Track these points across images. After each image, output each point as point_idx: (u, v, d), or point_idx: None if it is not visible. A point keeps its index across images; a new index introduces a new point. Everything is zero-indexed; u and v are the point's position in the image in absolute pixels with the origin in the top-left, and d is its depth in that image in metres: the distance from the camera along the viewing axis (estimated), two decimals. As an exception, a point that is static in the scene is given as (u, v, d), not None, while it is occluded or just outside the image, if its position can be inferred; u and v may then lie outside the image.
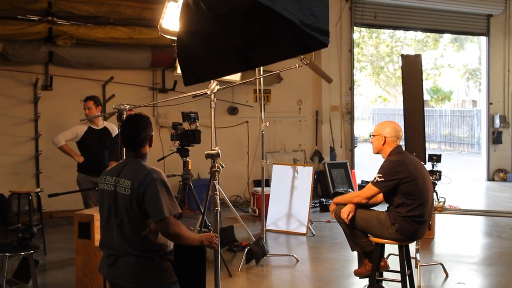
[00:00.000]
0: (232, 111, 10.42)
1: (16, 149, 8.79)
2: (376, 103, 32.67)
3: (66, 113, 9.04)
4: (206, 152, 3.30)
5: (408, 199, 4.02)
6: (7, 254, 5.10)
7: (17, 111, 8.82)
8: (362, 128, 28.36)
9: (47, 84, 8.90)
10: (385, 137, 4.21)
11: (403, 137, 5.89)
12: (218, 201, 3.31)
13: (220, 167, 3.31)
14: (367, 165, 13.57)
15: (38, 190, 7.09)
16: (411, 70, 5.35)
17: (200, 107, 7.37)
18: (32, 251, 5.24)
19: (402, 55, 5.68)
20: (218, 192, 3.29)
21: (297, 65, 4.58)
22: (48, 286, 5.61)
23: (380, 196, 4.25)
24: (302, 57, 4.47)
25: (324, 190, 10.86)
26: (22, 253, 5.16)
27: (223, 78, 5.70)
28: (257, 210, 9.14)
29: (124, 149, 3.20)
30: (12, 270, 5.60)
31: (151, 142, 3.18)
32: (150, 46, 9.22)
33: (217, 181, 3.28)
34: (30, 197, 6.90)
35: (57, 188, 8.50)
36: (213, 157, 3.28)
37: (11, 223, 7.44)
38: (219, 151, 3.31)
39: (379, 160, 4.25)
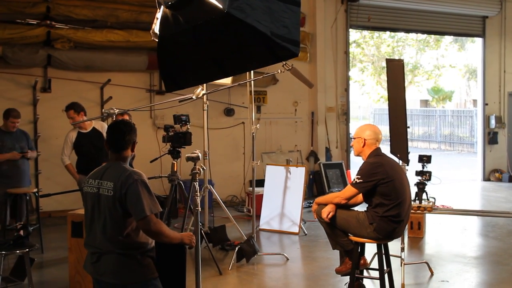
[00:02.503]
0: (228, 112, 10.58)
1: (15, 150, 8.95)
2: (379, 103, 32.74)
3: (65, 115, 9.17)
4: (187, 155, 3.47)
5: (385, 199, 4.18)
6: (3, 252, 5.29)
7: (17, 113, 8.98)
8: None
9: (45, 87, 9.08)
10: (364, 140, 4.36)
11: (389, 138, 6.05)
12: (198, 202, 3.47)
13: (201, 169, 3.47)
14: (364, 165, 13.68)
15: (35, 190, 7.26)
16: (395, 74, 5.50)
17: (195, 109, 7.57)
18: (27, 249, 5.42)
19: (387, 59, 5.82)
20: (198, 193, 3.45)
21: (279, 71, 4.74)
22: (43, 283, 5.78)
23: (360, 196, 4.40)
24: (284, 63, 4.63)
25: (319, 190, 11.01)
26: (18, 252, 5.35)
27: (214, 81, 5.86)
28: (251, 210, 9.29)
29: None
30: (9, 268, 5.77)
31: (133, 147, 3.33)
32: (147, 49, 9.39)
33: (197, 183, 3.44)
34: (28, 197, 7.06)
35: (56, 189, 8.73)
36: (194, 159, 3.44)
37: (8, 223, 7.61)
38: (200, 154, 3.47)
39: None
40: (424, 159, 7.89)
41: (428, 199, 7.85)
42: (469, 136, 23.93)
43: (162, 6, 2.98)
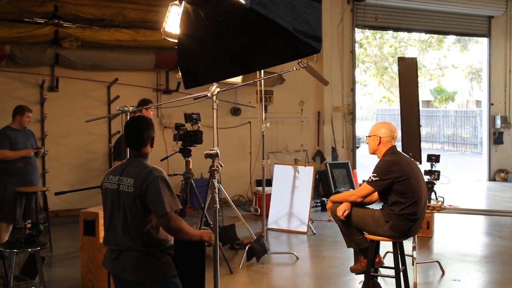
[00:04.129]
0: (235, 111, 10.57)
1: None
2: (381, 103, 32.73)
3: (72, 114, 9.23)
4: (205, 152, 3.46)
5: (401, 197, 4.16)
6: (14, 250, 5.28)
7: (24, 112, 8.98)
8: (366, 128, 28.42)
9: (53, 86, 9.07)
10: (380, 138, 4.35)
11: (400, 138, 6.04)
12: (217, 199, 3.46)
13: (219, 166, 3.46)
14: (370, 165, 13.65)
15: (44, 189, 7.25)
16: (407, 72, 5.48)
17: (203, 108, 7.54)
18: (39, 248, 5.41)
19: (399, 58, 5.81)
20: (217, 190, 3.43)
21: (294, 68, 4.73)
22: (54, 282, 5.77)
23: (375, 194, 4.39)
24: (299, 60, 4.62)
25: (325, 190, 10.99)
26: (29, 250, 5.34)
27: (225, 80, 5.86)
28: (259, 209, 9.28)
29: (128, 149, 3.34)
30: (20, 267, 5.76)
31: (152, 143, 3.32)
32: (154, 48, 9.39)
33: (216, 180, 3.43)
34: (37, 196, 7.05)
35: (63, 187, 8.70)
36: (212, 156, 3.43)
37: (15, 223, 7.60)
38: (218, 151, 3.46)
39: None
40: (433, 158, 7.85)
41: (436, 199, 7.82)
42: (472, 136, 23.91)
43: (183, 2, 2.96)
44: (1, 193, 6.77)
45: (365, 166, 13.63)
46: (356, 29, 11.95)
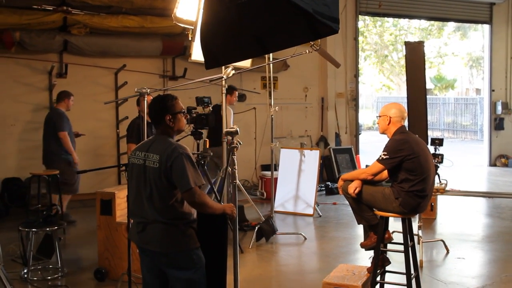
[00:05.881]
0: (240, 97, 10.63)
1: (32, 135, 9.08)
2: (380, 91, 32.86)
3: (81, 100, 9.33)
4: (225, 129, 3.61)
5: (411, 175, 4.31)
6: (33, 230, 5.45)
7: (33, 98, 9.13)
8: (366, 116, 28.57)
9: (62, 72, 9.19)
10: (390, 118, 4.49)
11: (407, 121, 6.18)
12: (237, 175, 3.61)
13: (238, 144, 3.60)
14: (371, 152, 13.86)
15: (57, 172, 7.40)
16: (414, 57, 5.61)
17: (208, 94, 7.65)
18: (56, 227, 5.59)
19: (405, 42, 5.93)
20: (236, 166, 3.58)
21: (307, 51, 4.86)
22: (70, 261, 5.92)
23: (385, 173, 4.53)
24: (312, 43, 4.75)
25: (329, 175, 11.16)
26: (48, 229, 5.52)
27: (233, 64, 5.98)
28: (265, 193, 9.46)
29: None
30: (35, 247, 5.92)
31: (174, 121, 3.42)
32: (161, 35, 9.51)
33: (235, 156, 3.58)
34: (50, 179, 7.21)
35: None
36: (232, 134, 3.58)
37: (29, 205, 7.78)
38: (238, 129, 3.61)
39: (382, 147, 4.52)
40: (437, 142, 7.99)
41: (440, 182, 7.99)
42: (472, 124, 24.06)
43: (207, -15, 3.09)
44: (66, 167, 7.36)
45: (368, 153, 13.82)
46: (360, 15, 12.06)
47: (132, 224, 3.51)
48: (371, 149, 15.90)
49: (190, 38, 6.27)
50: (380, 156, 4.40)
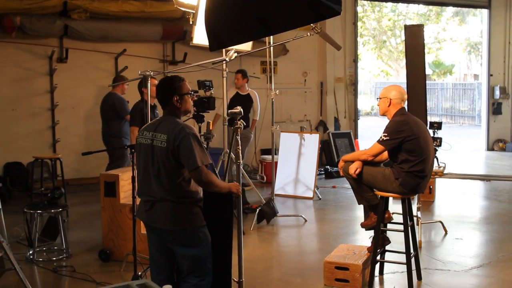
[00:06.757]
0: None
1: (33, 120, 9.15)
2: (379, 77, 32.88)
3: (81, 85, 9.42)
4: (229, 110, 3.68)
5: (411, 155, 4.40)
6: (38, 211, 5.54)
7: (34, 83, 9.16)
8: (364, 102, 28.62)
9: (62, 57, 9.21)
10: (390, 100, 4.56)
11: (406, 104, 6.25)
12: (240, 155, 3.68)
13: (242, 125, 3.67)
14: (369, 137, 13.97)
15: (59, 156, 7.47)
16: (414, 40, 5.66)
17: (208, 78, 7.72)
18: (61, 209, 5.68)
19: (405, 26, 5.98)
20: (240, 147, 3.66)
21: (308, 34, 4.92)
22: (74, 243, 6.00)
23: (385, 154, 4.61)
24: (313, 26, 4.80)
25: (328, 159, 11.24)
26: (52, 211, 5.60)
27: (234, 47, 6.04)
28: (265, 177, 9.55)
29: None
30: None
31: (181, 102, 3.49)
32: (161, 20, 9.53)
33: (239, 137, 3.65)
34: (53, 163, 7.28)
35: (73, 156, 8.97)
36: (236, 115, 3.65)
37: (32, 188, 7.86)
38: (241, 110, 3.68)
39: (380, 132, 4.60)
40: (435, 125, 8.07)
41: (438, 165, 8.08)
42: (470, 109, 24.13)
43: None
44: (123, 151, 7.29)
45: (366, 138, 13.90)
46: (358, 0, 12.07)
47: (140, 202, 3.59)
48: (370, 134, 16.01)
49: (191, 22, 6.34)
50: (381, 137, 4.48)
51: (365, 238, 5.95)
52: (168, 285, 1.84)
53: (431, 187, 7.96)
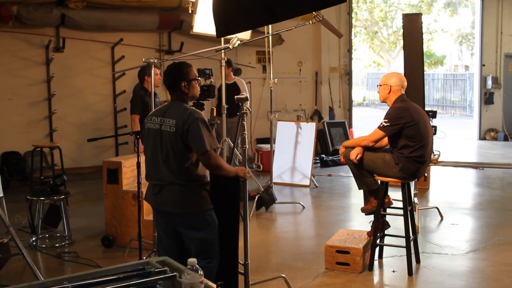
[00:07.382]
0: (236, 72, 10.73)
1: (29, 109, 9.15)
2: (370, 68, 33.02)
3: (78, 75, 9.43)
4: (236, 96, 3.74)
5: (410, 141, 4.50)
6: (41, 198, 5.59)
7: (30, 72, 9.15)
8: (356, 92, 28.72)
9: (59, 46, 9.21)
10: (390, 87, 4.65)
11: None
12: (247, 140, 3.75)
13: (248, 110, 3.75)
14: (362, 127, 14.14)
15: (58, 144, 7.51)
16: (412, 28, 5.75)
17: (205, 67, 7.78)
18: (63, 196, 5.74)
19: (403, 14, 6.06)
20: (246, 132, 3.73)
21: (310, 22, 4.98)
22: (77, 230, 6.04)
23: (385, 140, 4.71)
24: (315, 14, 4.87)
25: (323, 148, 11.32)
26: (55, 198, 5.66)
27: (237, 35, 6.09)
28: (261, 166, 9.64)
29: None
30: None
31: (188, 87, 3.56)
32: (158, 9, 9.54)
33: (245, 122, 3.72)
34: (52, 151, 7.32)
35: (71, 146, 9.01)
36: (242, 100, 3.72)
37: (31, 176, 7.89)
38: (248, 96, 3.75)
39: (374, 122, 4.70)
40: (430, 114, 8.17)
41: (433, 153, 8.20)
42: (461, 100, 24.32)
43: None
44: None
45: (359, 127, 14.03)
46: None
47: (148, 186, 3.66)
48: (362, 124, 16.14)
49: (190, 11, 6.38)
50: (381, 123, 4.58)
51: (361, 223, 6.06)
52: (193, 258, 1.91)
53: (426, 174, 8.07)
